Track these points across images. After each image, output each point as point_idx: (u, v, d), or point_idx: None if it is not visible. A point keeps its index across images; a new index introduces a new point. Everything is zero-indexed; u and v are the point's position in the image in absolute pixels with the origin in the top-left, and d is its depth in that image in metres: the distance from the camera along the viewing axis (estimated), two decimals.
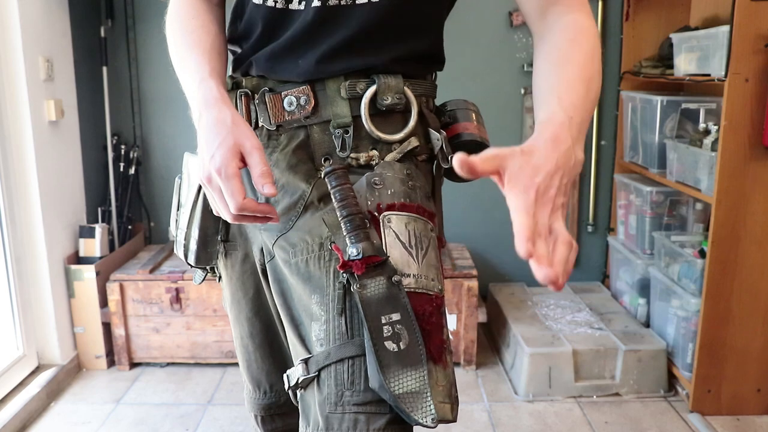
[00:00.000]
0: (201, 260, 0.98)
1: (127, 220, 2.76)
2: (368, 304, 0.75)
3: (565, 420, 2.12)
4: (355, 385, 0.77)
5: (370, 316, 0.75)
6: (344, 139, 0.85)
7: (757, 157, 1.91)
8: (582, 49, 0.78)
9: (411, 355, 0.74)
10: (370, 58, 0.84)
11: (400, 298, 0.76)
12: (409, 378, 0.74)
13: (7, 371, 2.17)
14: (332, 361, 0.78)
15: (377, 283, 0.76)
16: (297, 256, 0.84)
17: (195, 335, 2.45)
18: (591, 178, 2.84)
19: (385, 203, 0.80)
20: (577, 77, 0.75)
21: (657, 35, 2.62)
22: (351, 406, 0.76)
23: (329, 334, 0.79)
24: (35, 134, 2.21)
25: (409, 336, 0.75)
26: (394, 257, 0.78)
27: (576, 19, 0.82)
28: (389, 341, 0.74)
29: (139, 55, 2.76)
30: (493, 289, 2.80)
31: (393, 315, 0.75)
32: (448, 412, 0.75)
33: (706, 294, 2.01)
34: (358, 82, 0.84)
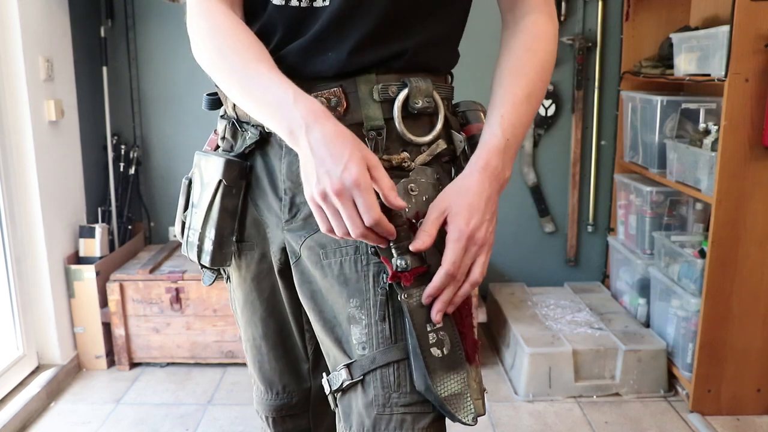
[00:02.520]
0: (216, 261, 0.97)
1: (127, 220, 2.76)
2: (415, 313, 0.79)
3: (565, 420, 2.12)
4: (401, 388, 0.81)
5: (417, 324, 0.78)
6: (377, 141, 0.85)
7: (757, 157, 1.91)
8: (536, 60, 0.88)
9: (453, 359, 0.80)
10: (399, 44, 0.85)
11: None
12: (452, 381, 0.79)
13: (7, 371, 2.17)
14: (378, 366, 0.81)
15: (421, 292, 0.79)
16: (329, 258, 0.85)
17: (195, 335, 2.45)
18: (591, 178, 2.84)
19: (422, 211, 0.82)
20: (524, 94, 0.85)
21: (657, 35, 2.62)
22: (398, 407, 0.81)
23: (372, 338, 0.82)
24: (35, 134, 2.21)
25: (451, 341, 0.80)
26: (433, 265, 0.80)
27: (536, 21, 0.89)
28: (435, 348, 0.79)
29: (139, 55, 2.76)
30: (493, 289, 2.80)
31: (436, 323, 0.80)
32: (481, 408, 0.81)
33: (706, 294, 2.01)
34: (390, 86, 0.85)
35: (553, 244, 2.92)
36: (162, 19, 2.72)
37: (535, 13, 0.90)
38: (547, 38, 0.89)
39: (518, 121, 0.84)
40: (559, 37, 2.79)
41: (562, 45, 2.71)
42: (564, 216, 2.89)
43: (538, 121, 2.79)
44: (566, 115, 2.80)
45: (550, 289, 2.83)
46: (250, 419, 2.14)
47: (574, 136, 2.80)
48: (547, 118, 2.79)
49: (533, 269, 2.93)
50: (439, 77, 0.91)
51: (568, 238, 2.89)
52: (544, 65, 0.88)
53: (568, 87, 2.77)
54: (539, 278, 2.92)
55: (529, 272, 2.93)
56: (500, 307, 2.60)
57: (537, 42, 0.88)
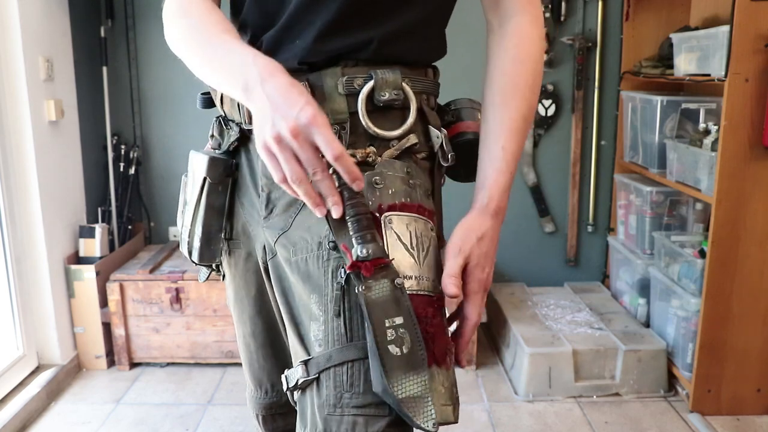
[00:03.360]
0: (204, 258, 0.98)
1: (127, 220, 2.76)
2: (373, 306, 0.74)
3: (565, 420, 2.12)
4: (354, 388, 0.76)
5: (374, 319, 0.74)
6: (341, 135, 0.83)
7: (757, 157, 1.91)
8: (526, 73, 0.87)
9: (413, 359, 0.74)
10: (365, 33, 0.82)
11: (403, 301, 0.75)
12: (411, 382, 0.73)
13: (7, 371, 2.17)
14: (333, 364, 0.77)
15: (381, 285, 0.75)
16: (297, 255, 0.84)
17: (195, 335, 2.45)
18: (591, 178, 2.84)
19: (386, 203, 0.80)
20: (521, 116, 0.86)
21: (657, 35, 2.62)
22: (350, 408, 0.76)
23: (328, 335, 0.79)
24: (35, 134, 2.21)
25: (412, 340, 0.74)
26: (397, 259, 0.77)
27: (520, 24, 0.87)
28: (392, 345, 0.74)
29: (139, 55, 2.76)
30: (493, 289, 2.80)
31: (396, 318, 0.75)
32: (450, 415, 0.75)
33: (706, 294, 2.01)
34: (356, 78, 0.83)
35: (553, 244, 2.92)
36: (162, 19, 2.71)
37: (520, 15, 0.87)
38: (533, 44, 0.87)
39: (518, 148, 0.86)
40: (559, 37, 2.82)
41: (562, 45, 2.71)
42: (564, 216, 2.89)
43: (538, 121, 2.79)
44: (566, 115, 2.80)
45: (550, 289, 2.83)
46: (250, 419, 2.14)
47: (574, 136, 2.80)
48: (547, 118, 2.79)
49: (533, 269, 2.93)
50: (416, 70, 0.87)
51: (568, 238, 2.89)
52: (535, 75, 0.87)
53: (568, 87, 2.76)
54: (539, 278, 2.92)
55: (529, 272, 2.93)
56: (500, 307, 2.60)
57: (524, 50, 0.87)
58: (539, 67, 0.88)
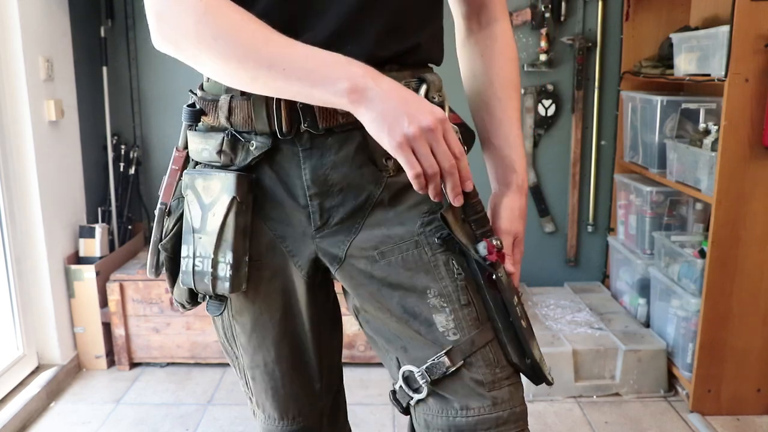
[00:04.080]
0: (235, 286, 0.89)
1: (127, 220, 2.76)
2: (508, 290, 0.86)
3: (565, 420, 2.12)
4: (499, 363, 0.87)
5: (507, 300, 0.86)
6: None
7: (757, 157, 1.91)
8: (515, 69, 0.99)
9: (531, 328, 0.89)
10: (415, 38, 0.87)
11: (511, 284, 0.88)
12: (536, 348, 0.89)
13: (7, 371, 2.17)
14: (479, 347, 0.86)
15: (502, 271, 0.87)
16: (387, 257, 0.87)
17: (195, 335, 2.45)
18: (591, 178, 2.84)
19: None
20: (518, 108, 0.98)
21: (657, 35, 2.62)
22: (503, 381, 0.87)
23: (461, 323, 0.86)
24: (35, 134, 2.21)
25: (526, 316, 0.88)
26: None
27: (506, 30, 0.98)
28: (522, 320, 0.87)
29: (139, 55, 2.76)
30: None
31: (514, 299, 0.87)
32: (548, 374, 0.93)
33: (706, 294, 2.01)
34: (410, 82, 0.86)
35: (553, 244, 2.92)
36: None
37: (501, 21, 0.98)
38: (513, 45, 1.00)
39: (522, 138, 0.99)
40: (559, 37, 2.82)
41: (562, 45, 2.72)
42: (564, 216, 2.89)
43: (538, 121, 2.79)
44: (566, 115, 2.80)
45: (550, 289, 2.83)
46: (250, 419, 2.14)
47: (574, 136, 2.79)
48: (547, 118, 2.79)
49: (533, 269, 2.93)
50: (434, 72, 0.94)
51: (568, 238, 2.89)
52: (518, 71, 1.01)
53: (568, 87, 2.76)
54: (539, 278, 2.92)
55: (529, 272, 2.93)
56: None
57: (512, 52, 0.99)
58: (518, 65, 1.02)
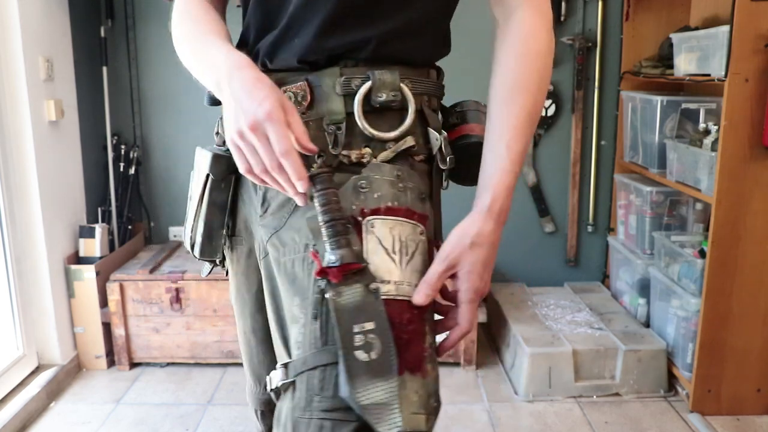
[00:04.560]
0: (205, 253, 0.99)
1: (127, 220, 2.76)
2: (342, 312, 0.74)
3: (565, 420, 2.12)
4: (324, 391, 0.76)
5: (342, 324, 0.74)
6: (336, 135, 0.82)
7: (757, 157, 1.91)
8: (533, 68, 0.83)
9: (382, 365, 0.73)
10: (363, 31, 0.82)
11: (376, 306, 0.75)
12: (378, 389, 0.72)
13: (7, 371, 2.17)
14: (308, 368, 0.78)
15: (353, 290, 0.75)
16: (285, 256, 0.84)
17: (195, 335, 2.45)
18: (591, 178, 2.84)
19: (369, 207, 0.79)
20: (527, 114, 0.82)
21: (657, 35, 2.62)
22: (318, 412, 0.76)
23: (306, 339, 0.79)
24: (35, 134, 2.21)
25: (383, 346, 0.73)
26: (375, 263, 0.77)
27: (524, 19, 0.84)
28: (360, 351, 0.73)
29: (139, 55, 2.76)
30: (493, 289, 2.80)
31: (367, 324, 0.74)
32: (421, 423, 0.73)
33: (706, 294, 2.01)
34: (354, 78, 0.82)
35: (553, 244, 2.92)
36: (162, 19, 2.71)
37: (524, 8, 0.84)
38: (539, 38, 0.83)
39: (523, 147, 0.82)
40: (558, 37, 2.80)
41: (562, 45, 2.71)
42: (564, 216, 2.89)
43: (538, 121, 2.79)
44: (566, 115, 2.80)
45: (550, 289, 2.83)
46: (249, 419, 2.14)
47: (574, 136, 2.80)
48: (547, 118, 2.79)
49: (533, 269, 2.93)
50: (418, 70, 0.87)
51: (568, 238, 2.89)
52: (542, 71, 0.83)
53: (568, 87, 2.76)
54: (539, 278, 2.92)
55: (529, 272, 2.93)
56: (500, 307, 2.60)
57: (530, 46, 0.83)
58: (546, 63, 0.84)
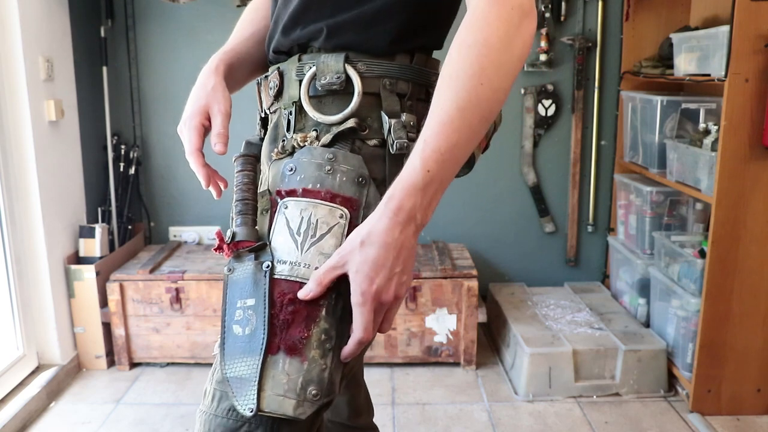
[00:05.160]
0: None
1: (127, 220, 2.76)
2: (230, 286, 0.78)
3: (565, 420, 2.12)
4: (218, 364, 0.78)
5: (228, 298, 0.77)
6: (289, 120, 0.87)
7: (757, 157, 1.91)
8: (470, 57, 0.70)
9: (251, 341, 0.74)
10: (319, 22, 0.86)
11: (261, 284, 0.76)
12: (243, 364, 0.73)
13: (7, 371, 2.17)
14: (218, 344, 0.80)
15: (245, 267, 0.78)
16: None
17: (195, 335, 2.45)
18: (591, 178, 2.84)
19: (286, 189, 0.81)
20: (455, 107, 0.70)
21: (657, 35, 2.62)
22: (215, 383, 0.79)
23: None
24: (35, 134, 2.21)
25: (257, 323, 0.74)
26: (277, 244, 0.78)
27: (479, 6, 0.72)
28: (237, 325, 0.75)
29: (139, 55, 2.76)
30: (493, 289, 2.80)
31: (248, 300, 0.75)
32: (288, 407, 0.72)
33: (706, 294, 2.01)
34: (306, 64, 0.86)
35: (553, 244, 2.92)
36: (162, 19, 2.72)
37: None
38: (488, 26, 0.71)
39: (446, 145, 0.70)
40: (558, 37, 2.81)
41: (562, 45, 2.72)
42: (564, 216, 2.89)
43: (538, 121, 2.79)
44: (566, 115, 2.80)
45: (550, 289, 2.83)
46: None
47: (574, 136, 2.80)
48: (547, 118, 2.79)
49: (533, 269, 2.93)
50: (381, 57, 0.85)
51: (568, 238, 2.89)
52: (483, 62, 0.70)
53: (568, 87, 2.77)
54: (539, 278, 2.92)
55: (529, 272, 2.93)
56: (500, 307, 2.60)
57: (475, 35, 0.71)
58: (493, 54, 0.70)
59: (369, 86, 0.84)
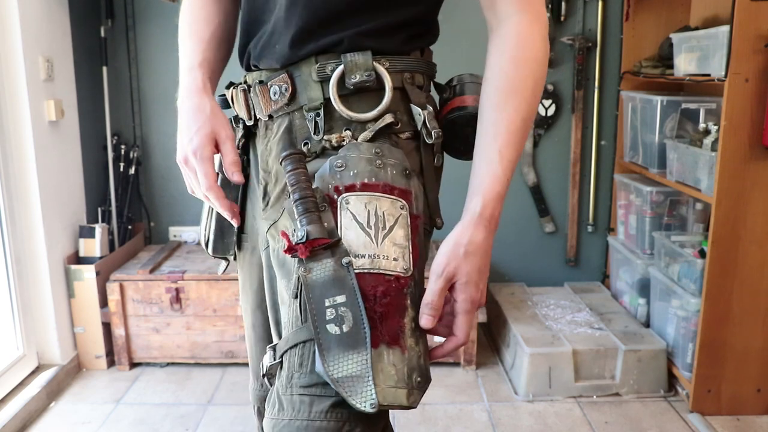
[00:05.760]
0: (218, 250, 1.04)
1: (127, 220, 2.76)
2: (312, 287, 0.75)
3: (565, 420, 2.12)
4: (302, 368, 0.77)
5: (313, 299, 0.75)
6: (316, 122, 0.85)
7: (757, 157, 1.91)
8: (527, 72, 0.82)
9: (354, 337, 0.73)
10: (337, 34, 0.84)
11: (348, 279, 0.75)
12: (350, 361, 0.72)
13: (7, 371, 2.17)
14: (289, 346, 0.79)
15: (324, 265, 0.76)
16: (278, 243, 0.85)
17: (195, 335, 2.45)
18: (591, 178, 2.84)
19: (344, 185, 0.80)
20: (520, 118, 0.81)
21: (657, 35, 2.62)
22: (298, 389, 0.77)
23: (289, 319, 0.81)
24: (35, 134, 2.21)
25: (354, 318, 0.73)
26: (349, 239, 0.78)
27: (519, 24, 0.83)
28: (331, 324, 0.73)
29: (139, 55, 2.76)
30: (493, 289, 2.80)
31: (338, 297, 0.74)
32: (402, 398, 0.73)
33: (706, 294, 2.01)
34: (328, 64, 0.84)
35: (553, 244, 2.92)
36: (162, 19, 2.71)
37: (519, 14, 0.83)
38: (534, 44, 0.83)
39: (516, 153, 0.82)
40: (558, 37, 2.81)
41: (562, 45, 2.71)
42: (564, 216, 2.89)
43: (538, 121, 2.79)
44: (566, 115, 2.80)
45: (550, 289, 2.83)
46: (249, 419, 2.14)
47: (574, 136, 2.79)
48: (547, 118, 2.79)
49: (533, 269, 2.93)
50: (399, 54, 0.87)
51: (568, 238, 2.89)
52: (536, 76, 0.83)
53: (568, 87, 2.77)
54: (539, 278, 2.92)
55: (529, 272, 2.93)
56: (500, 307, 2.60)
57: (525, 51, 0.82)
58: (542, 69, 0.83)
59: (395, 81, 0.86)
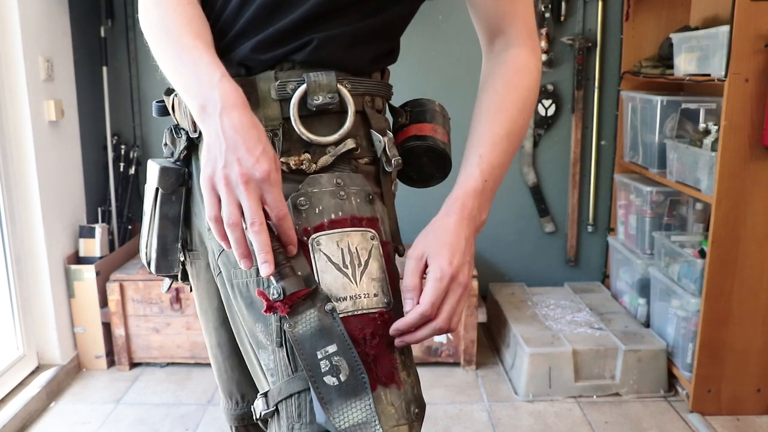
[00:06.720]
0: (161, 269, 0.95)
1: (127, 220, 2.76)
2: (301, 342, 0.72)
3: (565, 420, 2.12)
4: (302, 419, 0.75)
5: (305, 354, 0.72)
6: (274, 142, 0.79)
7: (757, 157, 1.91)
8: (517, 96, 0.86)
9: (354, 385, 0.72)
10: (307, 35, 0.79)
11: (335, 327, 0.73)
12: (354, 409, 0.72)
13: (7, 371, 2.17)
14: (284, 396, 0.76)
15: (307, 317, 0.73)
16: (238, 278, 0.81)
17: (195, 335, 2.45)
18: (591, 178, 2.84)
19: (312, 225, 0.77)
20: (504, 132, 0.84)
21: (657, 35, 2.62)
22: None
23: (278, 366, 0.78)
24: (35, 134, 2.21)
25: (350, 366, 0.72)
26: (327, 282, 0.75)
27: (518, 54, 0.87)
28: (328, 375, 0.72)
29: (139, 55, 2.76)
30: (493, 289, 2.80)
31: (329, 347, 0.72)
32: None
33: (706, 294, 2.01)
34: (288, 82, 0.79)
35: (553, 244, 2.92)
36: None
37: (517, 47, 0.87)
38: (529, 73, 0.87)
39: (497, 162, 0.83)
40: (558, 37, 2.81)
41: (562, 45, 2.71)
42: (564, 216, 2.89)
43: (538, 121, 2.79)
44: (566, 115, 2.80)
45: (550, 289, 2.83)
46: None
47: (574, 136, 2.79)
48: (547, 118, 2.79)
49: (533, 269, 2.93)
50: (361, 75, 0.84)
51: (568, 238, 2.89)
52: (526, 102, 0.86)
53: (568, 87, 2.77)
54: (539, 278, 2.92)
55: (529, 272, 2.93)
56: (500, 307, 2.60)
57: (518, 77, 0.86)
58: (532, 97, 0.87)
59: (357, 105, 0.82)
